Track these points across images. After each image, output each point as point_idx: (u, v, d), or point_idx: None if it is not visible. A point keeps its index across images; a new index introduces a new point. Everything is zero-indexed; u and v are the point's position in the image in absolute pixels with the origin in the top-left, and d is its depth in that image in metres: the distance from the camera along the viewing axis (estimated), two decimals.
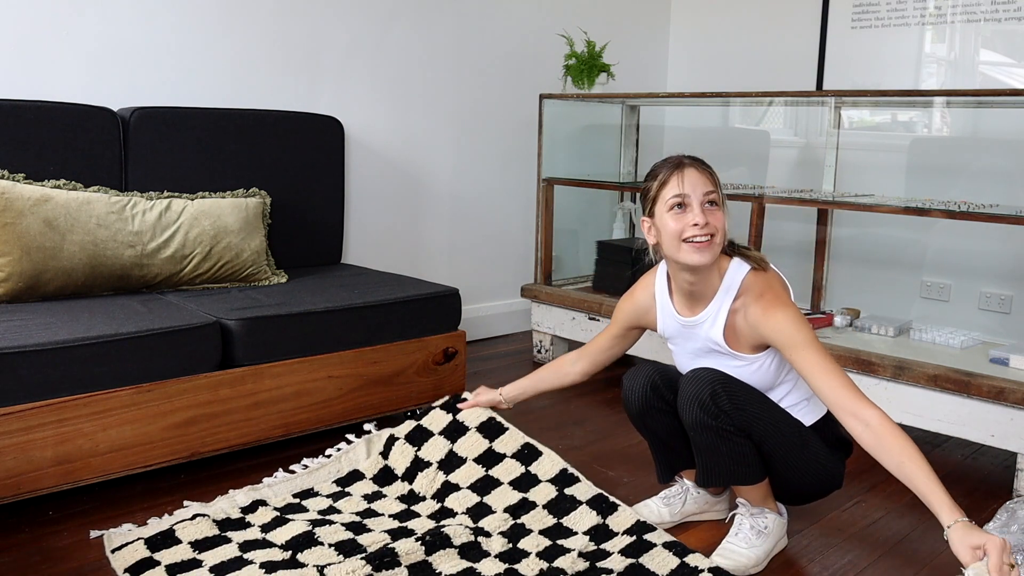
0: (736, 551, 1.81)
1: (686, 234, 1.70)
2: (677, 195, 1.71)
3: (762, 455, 1.80)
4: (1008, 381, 2.24)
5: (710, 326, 1.80)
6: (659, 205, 1.74)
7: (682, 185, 1.70)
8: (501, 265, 3.83)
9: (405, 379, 2.51)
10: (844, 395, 1.59)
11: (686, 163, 1.74)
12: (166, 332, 2.05)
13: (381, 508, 2.03)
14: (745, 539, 1.82)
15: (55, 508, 2.01)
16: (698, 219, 1.69)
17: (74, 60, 2.57)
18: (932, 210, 2.42)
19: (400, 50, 3.33)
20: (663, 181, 1.73)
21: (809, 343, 1.65)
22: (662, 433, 1.94)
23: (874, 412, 1.57)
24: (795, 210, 3.67)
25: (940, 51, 3.44)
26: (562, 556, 1.79)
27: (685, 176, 1.71)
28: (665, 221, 1.73)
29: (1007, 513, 1.83)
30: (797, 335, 1.66)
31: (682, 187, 1.70)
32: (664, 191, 1.73)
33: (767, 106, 3.96)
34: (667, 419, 1.91)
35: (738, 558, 1.79)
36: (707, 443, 1.78)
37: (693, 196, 1.70)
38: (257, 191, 2.69)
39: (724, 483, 1.83)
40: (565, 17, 3.84)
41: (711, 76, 4.20)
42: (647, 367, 1.94)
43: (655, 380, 1.90)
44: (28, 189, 2.23)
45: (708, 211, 1.70)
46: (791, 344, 1.67)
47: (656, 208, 1.75)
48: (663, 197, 1.73)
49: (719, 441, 1.76)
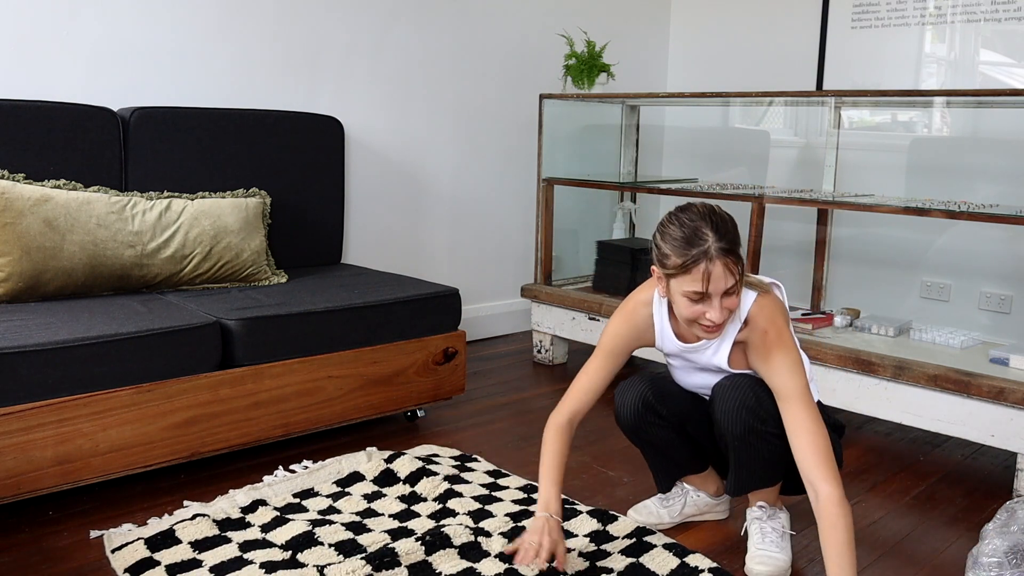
0: (773, 556, 1.79)
1: (700, 321, 1.62)
2: (697, 292, 1.58)
3: None
4: (1008, 381, 2.24)
5: (713, 353, 1.76)
6: (675, 283, 1.62)
7: (706, 284, 1.56)
8: (501, 265, 3.83)
9: (405, 379, 2.51)
10: (813, 460, 1.57)
11: (715, 256, 1.55)
12: (166, 332, 2.05)
13: (381, 508, 2.03)
14: (774, 543, 1.82)
15: (55, 508, 2.01)
16: (714, 317, 1.59)
17: (74, 60, 2.57)
18: (932, 210, 2.42)
19: (400, 50, 3.33)
20: (685, 268, 1.57)
21: (799, 396, 1.63)
22: (659, 445, 1.92)
23: (830, 489, 1.54)
24: (795, 210, 3.67)
25: (940, 51, 3.44)
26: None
27: (712, 275, 1.56)
28: (678, 300, 1.63)
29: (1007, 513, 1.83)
30: (789, 384, 1.64)
31: (706, 286, 1.57)
32: (684, 280, 1.59)
33: (767, 106, 3.96)
34: (663, 432, 1.88)
35: (778, 562, 1.78)
36: (752, 450, 1.75)
37: (714, 292, 1.58)
38: (257, 191, 2.69)
39: (758, 487, 1.81)
40: (565, 17, 3.84)
41: (711, 76, 4.20)
42: (637, 383, 1.88)
43: (647, 396, 1.86)
44: (28, 189, 2.23)
45: (726, 301, 1.59)
46: (783, 392, 1.65)
47: (671, 283, 1.63)
48: (681, 283, 1.60)
49: (763, 445, 1.74)
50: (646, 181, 3.58)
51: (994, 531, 1.72)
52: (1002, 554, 1.65)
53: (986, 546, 1.67)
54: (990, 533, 1.70)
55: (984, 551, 1.66)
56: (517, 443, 2.53)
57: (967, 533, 2.03)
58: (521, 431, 2.63)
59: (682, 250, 1.57)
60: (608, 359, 1.80)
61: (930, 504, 2.20)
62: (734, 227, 1.60)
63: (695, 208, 1.63)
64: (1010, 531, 1.73)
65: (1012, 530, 1.74)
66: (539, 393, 3.03)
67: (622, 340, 1.81)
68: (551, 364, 3.40)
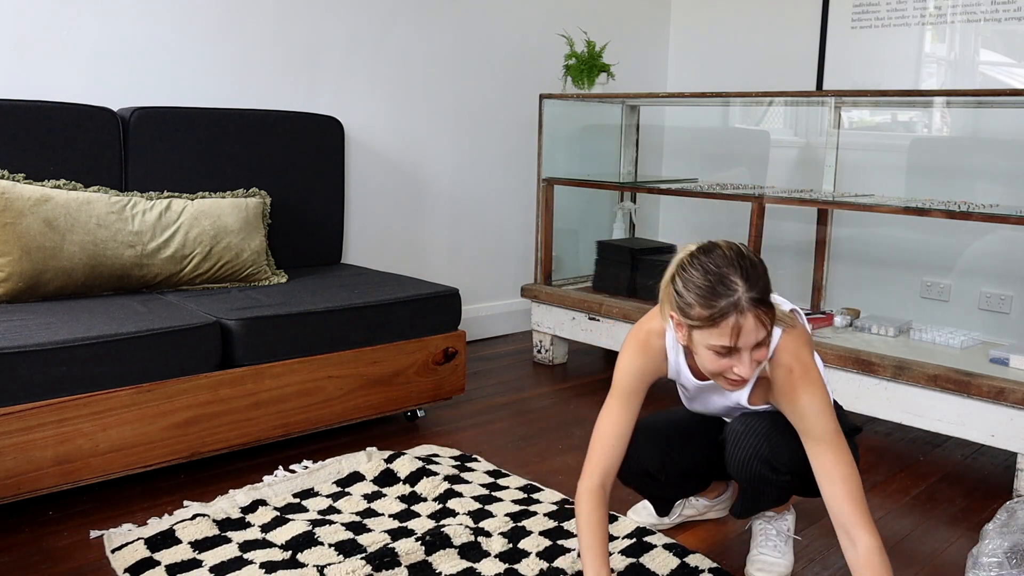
0: (772, 561, 1.79)
1: (725, 375, 1.47)
2: (725, 347, 1.42)
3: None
4: (1008, 381, 2.24)
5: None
6: (699, 335, 1.44)
7: (735, 339, 1.40)
8: (501, 265, 3.83)
9: (405, 379, 2.51)
10: (850, 508, 1.46)
11: (746, 308, 1.39)
12: (166, 332, 2.05)
13: (381, 508, 2.03)
14: (776, 547, 1.81)
15: (55, 508, 2.01)
16: (744, 372, 1.43)
17: (74, 60, 2.57)
18: (932, 210, 2.42)
19: (400, 50, 3.33)
20: (712, 321, 1.40)
21: (830, 440, 1.49)
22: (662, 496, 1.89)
23: (870, 539, 1.44)
24: (795, 210, 3.67)
25: (940, 51, 3.44)
26: (562, 556, 1.79)
27: (743, 329, 1.39)
28: (702, 352, 1.46)
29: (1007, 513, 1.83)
30: (818, 427, 1.50)
31: (735, 341, 1.40)
32: (710, 334, 1.42)
33: (767, 106, 3.96)
34: (664, 490, 1.84)
35: (777, 568, 1.78)
36: (764, 493, 1.70)
37: (744, 347, 1.41)
38: (257, 191, 2.69)
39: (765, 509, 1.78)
40: (565, 17, 3.84)
41: (711, 76, 4.20)
42: (636, 447, 1.72)
43: (647, 467, 1.75)
44: (28, 189, 2.23)
45: (756, 353, 1.43)
46: (811, 435, 1.51)
47: (694, 334, 1.45)
48: (706, 337, 1.43)
49: (776, 489, 1.69)
50: (646, 181, 3.58)
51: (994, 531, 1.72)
52: (1002, 554, 1.65)
53: (986, 546, 1.67)
54: (990, 533, 1.70)
55: (984, 551, 1.66)
56: (517, 443, 2.53)
57: (967, 533, 2.03)
58: (521, 431, 2.63)
59: (708, 301, 1.40)
60: (626, 400, 1.62)
61: (930, 504, 2.20)
62: (764, 271, 1.43)
63: (721, 251, 1.44)
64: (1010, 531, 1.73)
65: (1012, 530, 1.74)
66: (539, 393, 3.03)
67: (638, 377, 1.63)
68: (551, 364, 3.40)
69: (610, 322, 3.14)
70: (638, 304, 3.08)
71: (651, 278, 3.14)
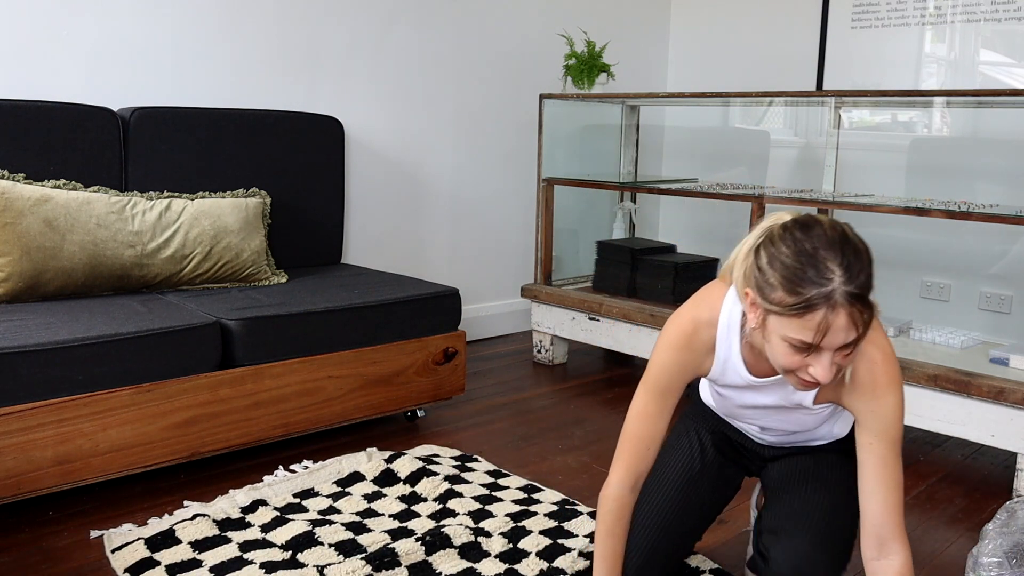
0: None
1: (798, 373, 1.25)
2: (804, 343, 1.19)
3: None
4: (1008, 381, 2.24)
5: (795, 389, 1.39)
6: (776, 321, 1.22)
7: (820, 336, 1.18)
8: (501, 265, 3.83)
9: (405, 379, 2.51)
10: (894, 520, 1.34)
11: (839, 303, 1.16)
12: (166, 332, 2.05)
13: (381, 508, 2.03)
14: None
15: (55, 508, 2.01)
16: (821, 375, 1.21)
17: (74, 60, 2.57)
18: (932, 210, 2.42)
19: (400, 50, 3.33)
20: (796, 310, 1.18)
21: (896, 442, 1.35)
22: None
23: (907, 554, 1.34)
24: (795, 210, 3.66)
25: (940, 51, 3.44)
26: (562, 556, 1.79)
27: (831, 327, 1.17)
28: (775, 342, 1.24)
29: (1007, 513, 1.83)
30: (892, 432, 1.34)
31: (819, 339, 1.18)
32: (789, 323, 1.19)
33: (767, 106, 3.96)
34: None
35: None
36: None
37: (827, 347, 1.19)
38: (257, 191, 2.69)
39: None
40: (565, 17, 3.84)
41: (711, 76, 4.20)
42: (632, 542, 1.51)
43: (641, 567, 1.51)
44: (28, 189, 2.23)
45: (840, 356, 1.21)
46: (880, 434, 1.34)
47: (770, 319, 1.23)
48: (785, 325, 1.20)
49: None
50: (646, 181, 3.58)
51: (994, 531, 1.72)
52: (1002, 554, 1.65)
53: (986, 546, 1.67)
54: (990, 533, 1.70)
55: (984, 551, 1.66)
56: (517, 443, 2.53)
57: (967, 533, 2.03)
58: (521, 431, 2.63)
59: (795, 286, 1.17)
60: (661, 399, 1.42)
61: (930, 504, 2.20)
62: (869, 262, 1.20)
63: (822, 229, 1.21)
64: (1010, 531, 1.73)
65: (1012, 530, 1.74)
66: (539, 393, 3.03)
67: (678, 374, 1.42)
68: (551, 364, 3.40)
69: (610, 322, 3.14)
70: (638, 304, 3.08)
71: (651, 278, 3.14)
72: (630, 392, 3.06)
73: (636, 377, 3.26)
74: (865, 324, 1.19)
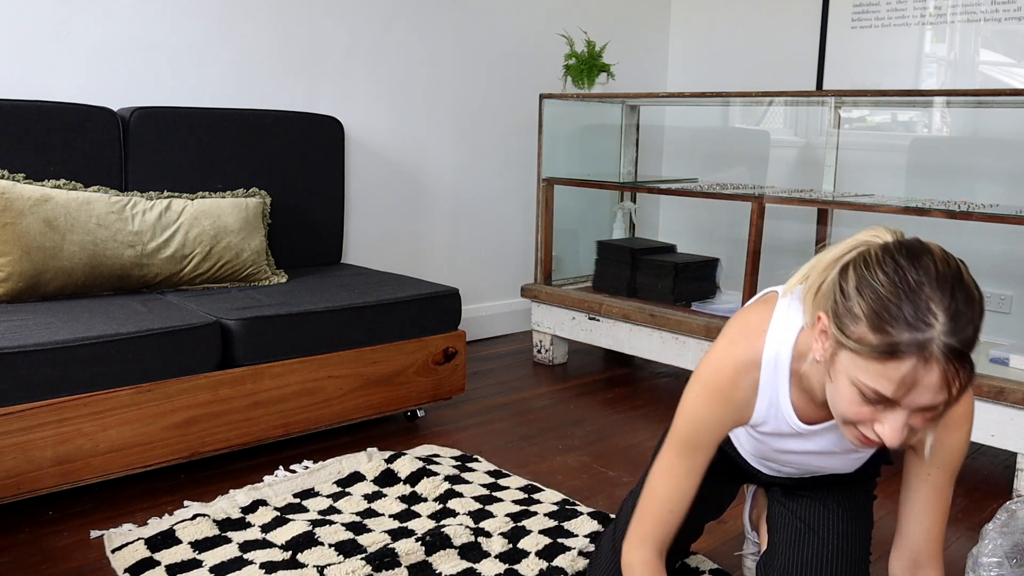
0: None
1: (860, 427, 1.06)
2: (879, 395, 1.00)
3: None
4: (1008, 381, 2.24)
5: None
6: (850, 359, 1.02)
7: (902, 392, 0.98)
8: (501, 265, 3.83)
9: (405, 379, 2.51)
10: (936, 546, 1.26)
11: (935, 357, 0.96)
12: (166, 332, 2.05)
13: (381, 508, 2.03)
14: None
15: (55, 508, 2.01)
16: (888, 437, 1.02)
17: (74, 60, 2.57)
18: (932, 210, 2.42)
19: (400, 50, 3.33)
20: (879, 353, 0.98)
21: (956, 472, 1.24)
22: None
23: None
24: (795, 210, 3.67)
25: (940, 51, 3.44)
26: (562, 556, 1.79)
27: (918, 384, 0.97)
28: (842, 385, 1.04)
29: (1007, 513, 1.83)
30: (957, 460, 1.22)
31: (900, 394, 0.99)
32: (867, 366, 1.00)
33: (767, 106, 3.96)
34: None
35: None
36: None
37: (907, 406, 1.00)
38: (257, 191, 2.69)
39: None
40: (565, 17, 3.84)
41: (711, 76, 4.20)
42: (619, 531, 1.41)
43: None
44: (28, 189, 2.23)
45: (917, 418, 1.01)
46: (944, 467, 1.22)
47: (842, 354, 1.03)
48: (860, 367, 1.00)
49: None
50: (646, 181, 3.58)
51: (994, 531, 1.72)
52: (1002, 554, 1.65)
53: (986, 546, 1.67)
54: (990, 533, 1.70)
55: (984, 551, 1.67)
56: (517, 443, 2.53)
57: (967, 533, 2.03)
58: (521, 431, 2.63)
59: (884, 323, 0.97)
60: (690, 456, 1.23)
61: None
62: (981, 313, 0.99)
63: (932, 259, 1.00)
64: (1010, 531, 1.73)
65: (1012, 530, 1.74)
66: (539, 393, 3.03)
67: (712, 429, 1.22)
68: (551, 364, 3.40)
69: (610, 322, 3.14)
70: (638, 304, 3.08)
71: (651, 278, 3.14)
72: (630, 392, 3.06)
73: (636, 377, 3.26)
74: (960, 388, 0.98)
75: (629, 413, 2.83)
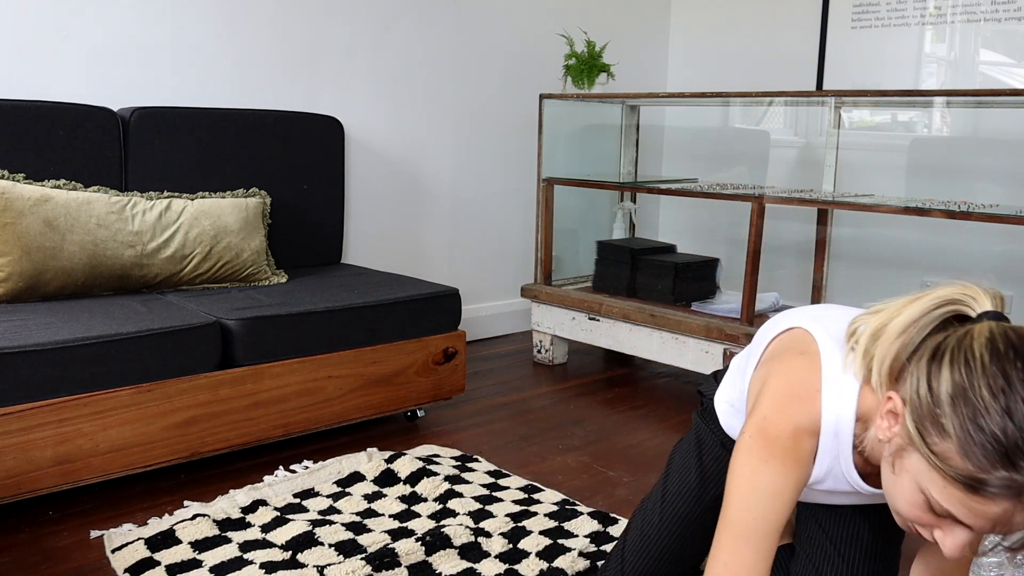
0: None
1: (918, 528, 0.97)
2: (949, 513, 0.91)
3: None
4: None
5: None
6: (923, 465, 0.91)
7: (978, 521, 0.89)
8: (501, 265, 3.83)
9: (405, 379, 2.51)
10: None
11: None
12: (166, 332, 2.05)
13: (381, 508, 2.03)
14: None
15: (55, 508, 2.01)
16: (948, 549, 0.93)
17: (74, 60, 2.57)
18: (932, 210, 2.42)
19: (400, 50, 3.33)
20: (965, 484, 0.87)
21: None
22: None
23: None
24: (795, 210, 3.67)
25: (940, 51, 3.44)
26: (562, 556, 1.79)
27: (997, 520, 0.88)
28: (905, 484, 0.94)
29: None
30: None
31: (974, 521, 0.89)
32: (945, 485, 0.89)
33: (767, 106, 3.96)
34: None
35: None
36: None
37: (979, 530, 0.91)
38: (257, 191, 2.69)
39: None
40: (565, 17, 3.84)
41: (711, 76, 4.20)
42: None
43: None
44: (28, 189, 2.23)
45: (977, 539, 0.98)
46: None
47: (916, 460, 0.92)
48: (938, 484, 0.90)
49: None
50: (646, 181, 3.59)
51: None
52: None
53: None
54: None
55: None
56: (517, 443, 2.53)
57: None
58: (521, 431, 2.63)
59: (980, 456, 0.85)
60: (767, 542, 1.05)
61: None
62: None
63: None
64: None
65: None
66: (539, 393, 3.03)
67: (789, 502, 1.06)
68: (551, 364, 3.40)
69: (610, 322, 3.14)
70: (638, 304, 3.07)
71: (651, 278, 3.14)
72: (630, 392, 3.06)
73: (636, 377, 3.26)
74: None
75: (629, 413, 2.83)
